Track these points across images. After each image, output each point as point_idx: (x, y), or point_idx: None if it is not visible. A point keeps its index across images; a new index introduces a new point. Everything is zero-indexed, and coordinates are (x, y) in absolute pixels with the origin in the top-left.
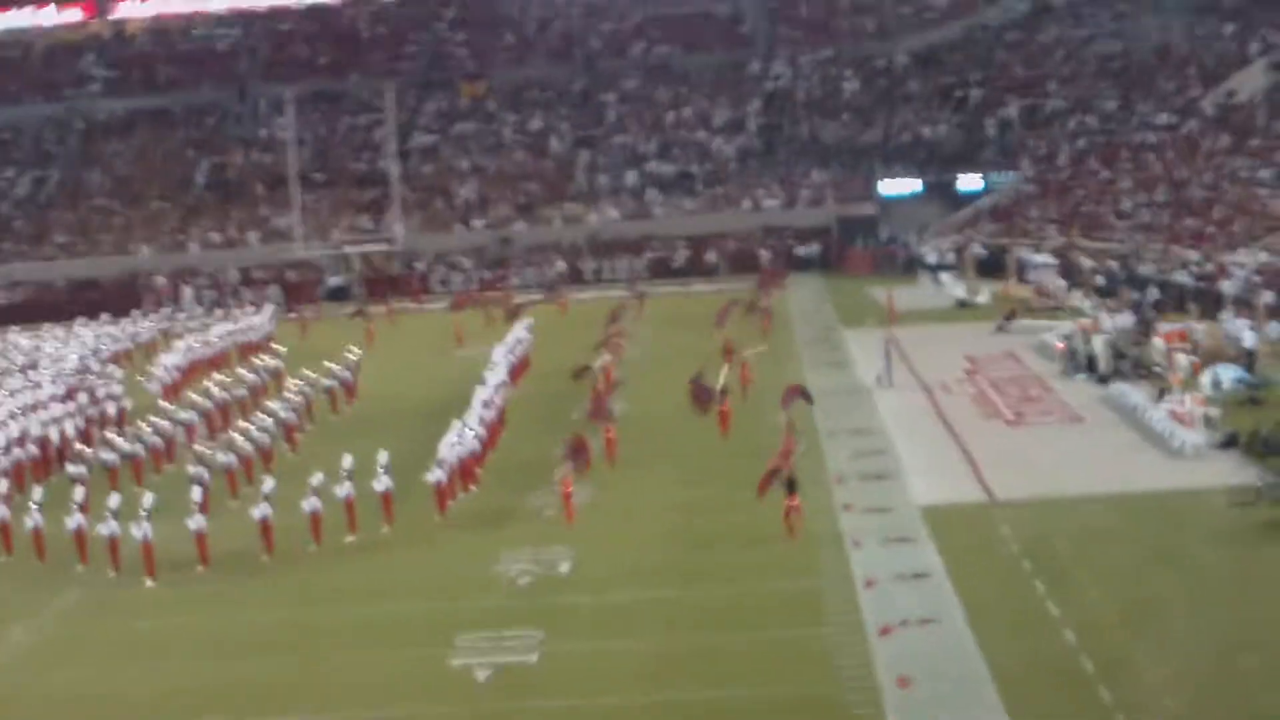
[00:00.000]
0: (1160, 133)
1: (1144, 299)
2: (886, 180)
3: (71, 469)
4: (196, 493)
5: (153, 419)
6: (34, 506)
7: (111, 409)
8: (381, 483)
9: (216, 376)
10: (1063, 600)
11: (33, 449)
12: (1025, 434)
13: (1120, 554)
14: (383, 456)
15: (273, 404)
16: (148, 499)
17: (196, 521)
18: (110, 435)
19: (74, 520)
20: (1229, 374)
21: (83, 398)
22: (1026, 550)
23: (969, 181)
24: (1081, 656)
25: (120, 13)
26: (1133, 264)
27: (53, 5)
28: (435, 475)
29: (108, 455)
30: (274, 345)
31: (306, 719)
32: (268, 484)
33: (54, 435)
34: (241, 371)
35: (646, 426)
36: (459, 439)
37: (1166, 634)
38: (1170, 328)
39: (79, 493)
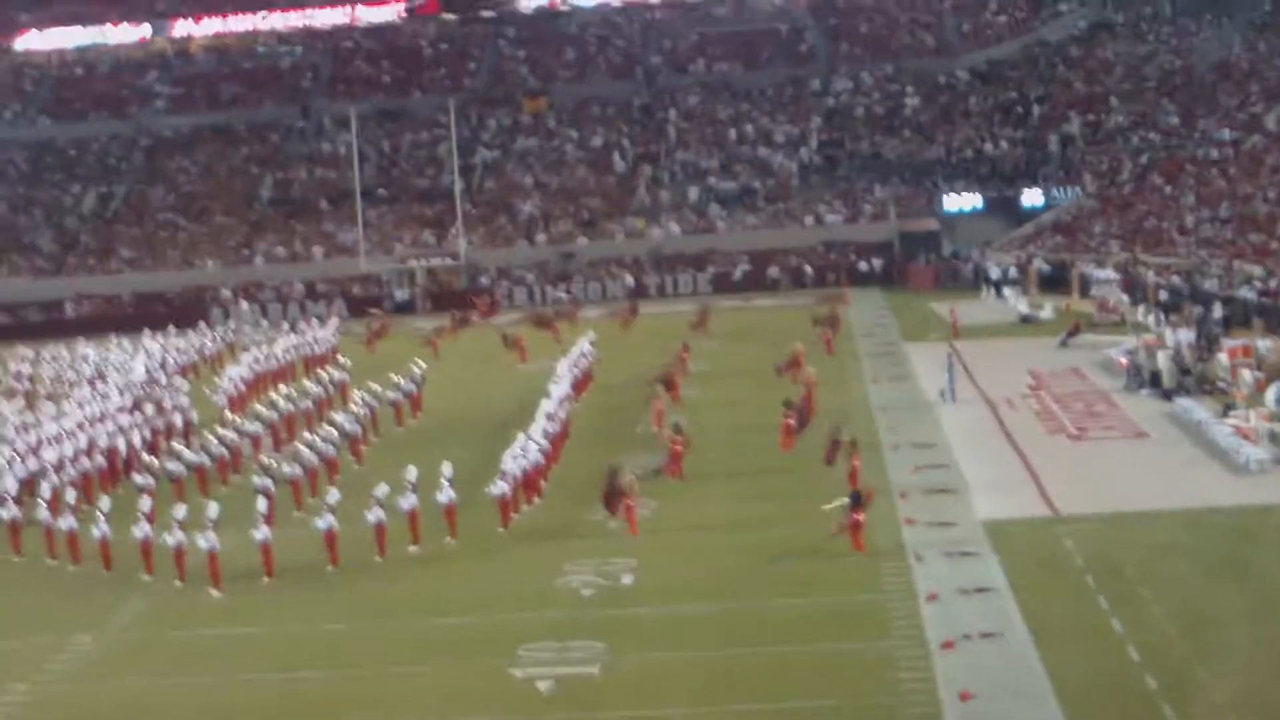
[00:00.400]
0: (1223, 148)
1: (1208, 314)
2: (949, 196)
3: (138, 479)
4: (262, 504)
5: (219, 430)
6: (101, 516)
7: (178, 420)
8: (445, 495)
9: (282, 389)
10: (1127, 616)
11: (100, 459)
12: (1089, 449)
13: (1185, 570)
14: (446, 469)
15: (338, 416)
16: (213, 509)
17: (262, 532)
18: (177, 446)
19: (140, 530)
20: None
21: (149, 409)
22: (1090, 565)
23: (1031, 197)
24: (1145, 674)
25: (177, 31)
26: (1196, 280)
27: (109, 25)
28: (499, 488)
29: (174, 466)
30: (339, 358)
31: None
32: (332, 495)
33: (121, 446)
34: (306, 384)
35: (710, 441)
36: (522, 451)
37: (1231, 651)
38: (1235, 343)
39: (145, 503)
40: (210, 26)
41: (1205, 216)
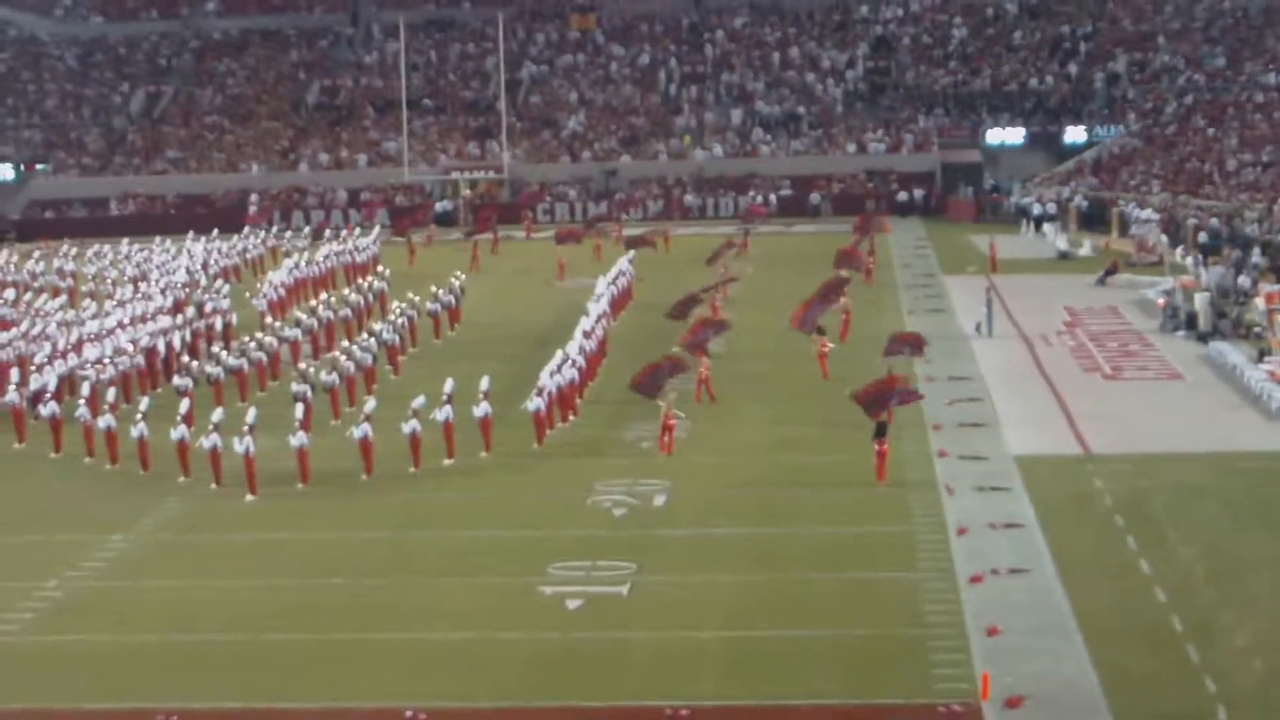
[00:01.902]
0: (1268, 92)
1: (1246, 258)
2: (992, 129)
3: (177, 381)
4: (299, 410)
5: (258, 335)
6: (139, 417)
7: (218, 324)
8: (481, 408)
9: (322, 296)
10: (1154, 557)
11: (139, 360)
12: (1123, 389)
13: (1214, 513)
14: (483, 382)
15: (376, 326)
16: (251, 414)
17: (298, 439)
18: (216, 350)
19: (177, 432)
20: None
21: (190, 311)
22: (1120, 505)
23: (1074, 133)
24: (1171, 615)
25: None
26: (1236, 223)
27: None
28: (535, 403)
29: (213, 369)
30: (380, 267)
31: (397, 638)
32: (369, 405)
33: (161, 347)
34: (346, 292)
35: (746, 365)
36: (559, 368)
37: (1257, 595)
38: (1272, 288)
39: (183, 405)
40: None
41: (1247, 160)
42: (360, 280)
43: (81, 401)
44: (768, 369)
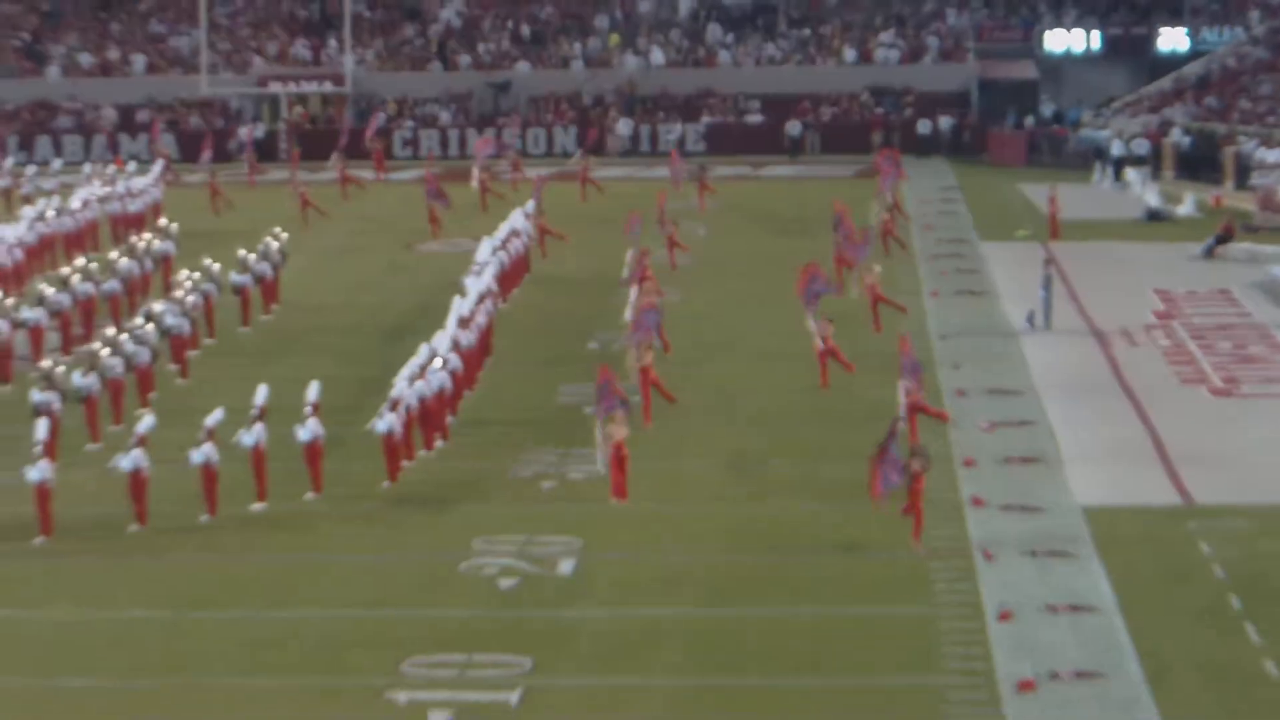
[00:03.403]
0: None
1: None
2: (1053, 32)
3: None
4: (41, 429)
5: None
6: None
7: None
8: (307, 430)
9: (79, 261)
10: None
11: None
12: (1239, 409)
13: None
14: (312, 391)
15: (157, 306)
16: None
17: (38, 471)
18: None
19: None
20: None
21: None
22: (1236, 580)
23: (1171, 39)
24: None
25: None
26: None
27: None
28: (386, 422)
29: None
30: (163, 220)
31: None
32: (144, 422)
33: None
34: (114, 256)
35: (695, 365)
36: (423, 371)
37: None
38: None
39: None
40: None
41: None
42: (134, 239)
43: None
44: (726, 371)
